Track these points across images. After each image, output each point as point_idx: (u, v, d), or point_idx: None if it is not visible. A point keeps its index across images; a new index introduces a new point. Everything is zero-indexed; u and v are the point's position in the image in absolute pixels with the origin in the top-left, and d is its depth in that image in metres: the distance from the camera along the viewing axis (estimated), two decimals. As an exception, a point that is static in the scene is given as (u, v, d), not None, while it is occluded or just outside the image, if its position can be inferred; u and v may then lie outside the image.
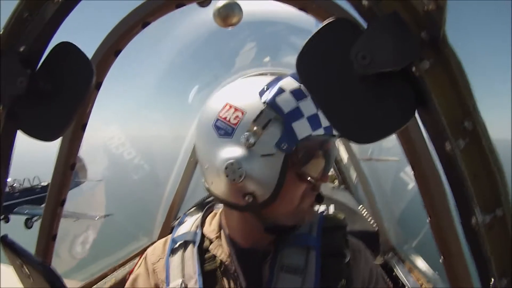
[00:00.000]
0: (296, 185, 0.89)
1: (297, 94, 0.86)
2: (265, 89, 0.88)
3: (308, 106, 0.86)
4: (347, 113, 0.59)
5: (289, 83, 0.88)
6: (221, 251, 0.99)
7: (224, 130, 0.87)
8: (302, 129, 0.84)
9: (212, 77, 3.23)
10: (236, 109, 0.87)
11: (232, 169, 0.85)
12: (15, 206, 19.10)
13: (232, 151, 0.86)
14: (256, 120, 0.84)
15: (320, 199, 0.98)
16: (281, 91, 0.86)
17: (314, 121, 0.85)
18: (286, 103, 0.85)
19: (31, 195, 20.39)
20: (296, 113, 0.85)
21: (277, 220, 0.93)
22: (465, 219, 0.57)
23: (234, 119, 0.86)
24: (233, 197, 0.91)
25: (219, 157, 0.88)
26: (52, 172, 1.31)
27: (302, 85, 0.87)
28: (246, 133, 0.84)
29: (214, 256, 0.99)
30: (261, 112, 0.85)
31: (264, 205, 0.88)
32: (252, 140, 0.83)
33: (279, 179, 0.85)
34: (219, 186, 0.92)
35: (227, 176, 0.86)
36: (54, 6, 0.73)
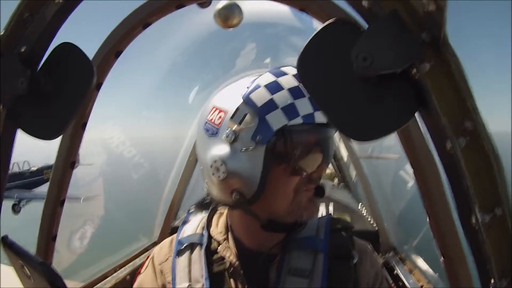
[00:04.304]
0: (286, 178, 0.89)
1: (271, 88, 0.88)
2: (246, 88, 0.90)
3: (283, 97, 0.86)
4: (347, 112, 0.59)
5: (265, 78, 0.90)
6: (229, 253, 0.99)
7: (211, 131, 0.92)
8: (276, 119, 0.85)
9: (212, 77, 3.23)
10: (220, 110, 0.91)
11: (216, 167, 0.89)
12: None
13: (218, 150, 0.89)
14: (233, 117, 0.88)
15: (320, 192, 0.96)
16: (256, 87, 0.89)
17: (289, 111, 0.85)
18: (260, 97, 0.87)
19: (21, 179, 20.04)
20: (270, 105, 0.86)
21: (274, 217, 0.93)
22: (465, 218, 0.57)
23: (218, 119, 0.91)
24: (223, 194, 0.93)
25: (207, 156, 0.92)
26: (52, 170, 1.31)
27: (278, 79, 0.89)
28: (226, 131, 0.87)
29: (223, 258, 0.99)
30: (237, 109, 0.88)
31: (252, 200, 0.88)
32: (231, 137, 0.87)
33: (262, 173, 0.85)
34: (211, 185, 0.96)
35: (212, 174, 0.90)
36: (55, 7, 0.73)
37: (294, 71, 0.92)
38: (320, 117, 0.87)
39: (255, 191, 0.87)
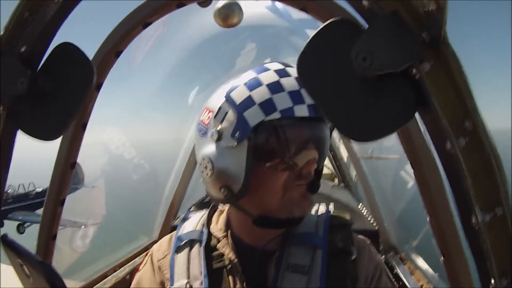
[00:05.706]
0: (274, 174, 0.89)
1: (250, 85, 0.90)
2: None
3: (261, 94, 0.87)
4: (347, 111, 0.59)
5: (246, 76, 0.92)
6: (229, 249, 0.99)
7: (202, 131, 0.95)
8: (253, 116, 0.86)
9: (212, 78, 3.23)
10: (209, 111, 0.94)
11: (204, 165, 0.92)
12: (9, 212, 18.97)
13: (206, 149, 0.93)
14: (216, 116, 0.90)
15: (313, 189, 0.94)
16: (237, 85, 0.91)
17: (267, 106, 0.86)
18: (239, 94, 0.89)
19: (25, 201, 20.22)
20: (248, 102, 0.87)
21: (267, 213, 0.93)
22: (465, 218, 0.57)
23: (207, 119, 0.94)
24: (214, 190, 0.95)
25: (199, 156, 0.96)
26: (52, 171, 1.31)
27: (258, 75, 0.90)
28: (212, 130, 0.90)
29: (222, 255, 0.99)
30: (220, 108, 0.90)
31: (239, 196, 0.89)
32: (216, 136, 0.89)
33: (246, 170, 0.86)
34: (204, 182, 0.98)
35: (202, 172, 0.94)
36: (54, 6, 0.73)
37: (278, 66, 0.92)
38: (300, 111, 0.86)
39: (241, 186, 0.88)
